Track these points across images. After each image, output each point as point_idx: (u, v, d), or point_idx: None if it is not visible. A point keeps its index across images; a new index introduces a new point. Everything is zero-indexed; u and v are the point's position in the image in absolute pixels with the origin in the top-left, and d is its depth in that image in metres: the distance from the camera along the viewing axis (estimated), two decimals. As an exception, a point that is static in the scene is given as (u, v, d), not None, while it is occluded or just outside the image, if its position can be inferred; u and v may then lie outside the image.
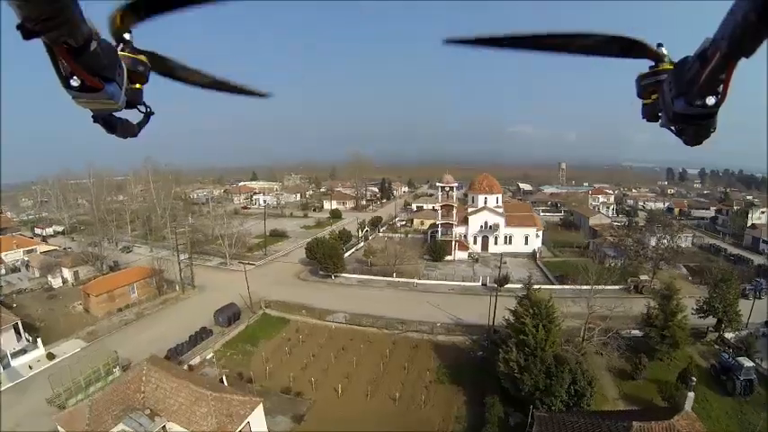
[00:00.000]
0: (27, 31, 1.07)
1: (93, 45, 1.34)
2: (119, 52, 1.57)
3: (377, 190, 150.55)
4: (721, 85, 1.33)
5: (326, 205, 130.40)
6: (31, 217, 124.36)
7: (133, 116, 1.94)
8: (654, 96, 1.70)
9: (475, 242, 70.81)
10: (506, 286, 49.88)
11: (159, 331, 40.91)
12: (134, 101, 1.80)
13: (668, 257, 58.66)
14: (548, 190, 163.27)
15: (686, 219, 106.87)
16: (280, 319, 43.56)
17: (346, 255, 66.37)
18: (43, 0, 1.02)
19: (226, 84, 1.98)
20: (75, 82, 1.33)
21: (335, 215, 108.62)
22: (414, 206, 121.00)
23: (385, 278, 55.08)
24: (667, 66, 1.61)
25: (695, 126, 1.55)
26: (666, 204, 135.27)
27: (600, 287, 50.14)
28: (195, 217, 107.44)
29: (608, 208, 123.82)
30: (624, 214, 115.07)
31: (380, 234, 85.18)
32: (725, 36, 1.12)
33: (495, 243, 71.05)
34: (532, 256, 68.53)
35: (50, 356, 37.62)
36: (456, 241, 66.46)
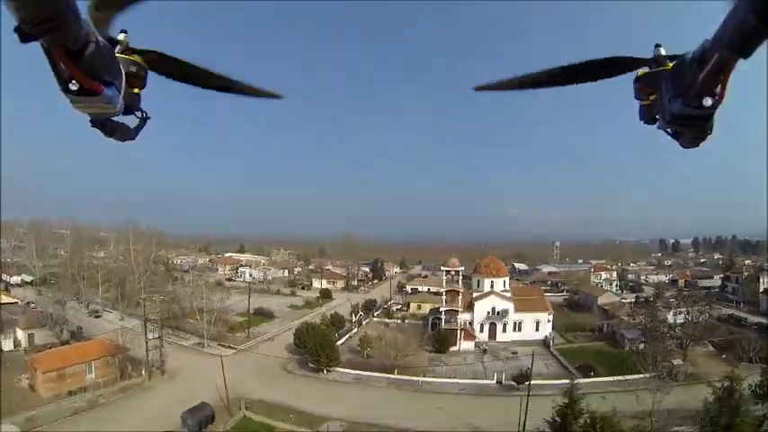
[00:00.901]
0: (25, 34, 1.07)
1: (92, 47, 1.33)
2: (117, 55, 1.56)
3: (368, 270, 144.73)
4: (719, 87, 1.35)
5: (315, 283, 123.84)
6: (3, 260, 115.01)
7: (130, 121, 1.91)
8: (652, 98, 1.68)
9: (481, 330, 64.86)
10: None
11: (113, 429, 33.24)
12: (132, 106, 1.78)
13: (696, 335, 52.96)
14: (545, 269, 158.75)
15: (693, 290, 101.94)
16: (262, 426, 36.06)
17: (339, 342, 59.62)
18: (41, 2, 1.01)
19: (238, 84, 1.92)
20: (73, 86, 1.34)
21: (325, 295, 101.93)
22: (408, 288, 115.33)
23: (385, 375, 48.18)
24: (665, 67, 1.59)
25: (692, 127, 1.56)
26: (669, 276, 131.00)
27: (631, 377, 45.06)
28: (176, 284, 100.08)
29: (611, 284, 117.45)
30: (629, 290, 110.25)
31: (375, 319, 78.44)
32: (724, 38, 1.14)
33: (504, 330, 65.31)
34: (544, 343, 62.77)
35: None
36: (461, 330, 60.54)
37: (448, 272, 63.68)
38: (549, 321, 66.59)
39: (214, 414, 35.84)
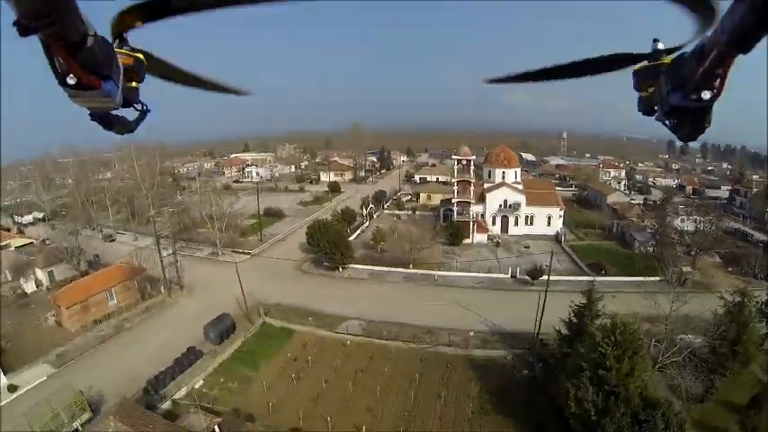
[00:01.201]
0: (23, 28, 1.08)
1: (90, 42, 1.34)
2: (116, 50, 1.57)
3: (375, 160, 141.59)
4: (717, 80, 1.38)
5: (323, 177, 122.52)
6: (12, 202, 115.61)
7: (129, 112, 1.94)
8: (651, 89, 1.73)
9: (493, 223, 63.93)
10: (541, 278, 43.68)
11: (140, 352, 34.31)
12: (130, 99, 1.80)
13: (705, 245, 52.17)
14: (553, 161, 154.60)
15: (701, 198, 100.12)
16: (282, 331, 37.03)
17: (351, 237, 59.60)
18: None
19: (209, 83, 2.02)
20: (71, 80, 1.34)
21: (334, 189, 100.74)
22: (417, 178, 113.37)
23: (401, 270, 48.40)
24: (665, 60, 1.64)
25: (691, 120, 1.59)
26: (677, 181, 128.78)
27: (639, 279, 45.94)
28: (185, 194, 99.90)
29: (619, 183, 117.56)
30: (636, 191, 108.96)
31: (386, 211, 78.00)
32: (723, 33, 1.16)
33: (516, 224, 64.24)
34: (556, 239, 62.13)
35: (12, 389, 31.24)
36: (474, 222, 59.56)
37: (459, 161, 60.20)
38: (560, 217, 64.85)
39: (235, 324, 36.71)
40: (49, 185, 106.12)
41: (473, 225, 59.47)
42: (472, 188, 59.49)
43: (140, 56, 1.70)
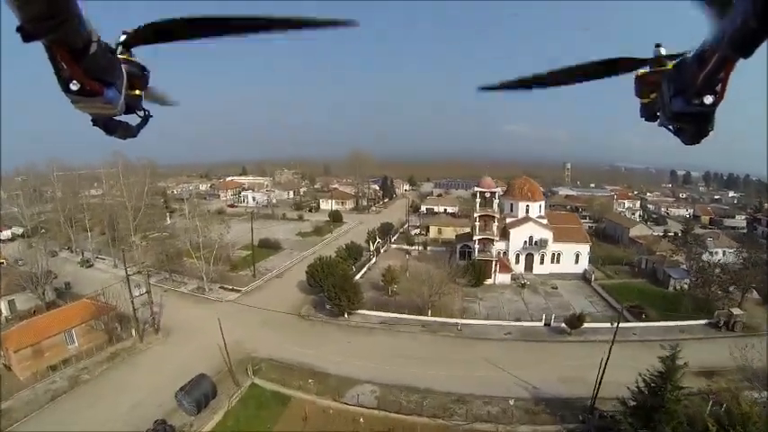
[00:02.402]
0: (27, 34, 1.08)
1: (94, 48, 1.33)
2: (118, 55, 1.56)
3: (378, 188, 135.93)
4: (719, 85, 1.37)
5: (323, 204, 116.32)
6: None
7: (131, 118, 1.90)
8: (652, 96, 1.70)
9: (517, 261, 57.66)
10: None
11: (93, 419, 26.93)
12: (133, 106, 1.78)
13: (748, 281, 46.56)
14: (561, 191, 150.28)
15: (719, 228, 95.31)
16: (276, 397, 29.66)
17: (358, 276, 52.96)
18: (43, 2, 1.02)
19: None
20: (74, 86, 1.34)
21: (336, 218, 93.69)
22: (423, 208, 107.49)
23: (417, 317, 41.57)
24: (667, 66, 1.61)
25: (693, 125, 1.57)
26: (690, 211, 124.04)
27: (683, 323, 41.73)
28: (174, 217, 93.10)
29: (633, 214, 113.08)
30: (653, 222, 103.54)
31: (393, 245, 71.41)
32: (724, 37, 1.16)
33: (542, 262, 58.06)
34: (584, 277, 56.10)
35: None
36: (497, 261, 53.23)
37: (481, 194, 53.92)
38: (588, 254, 59.34)
39: (215, 388, 29.41)
40: (39, 198, 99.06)
41: (495, 264, 53.12)
42: (495, 224, 53.37)
43: (140, 62, 1.65)
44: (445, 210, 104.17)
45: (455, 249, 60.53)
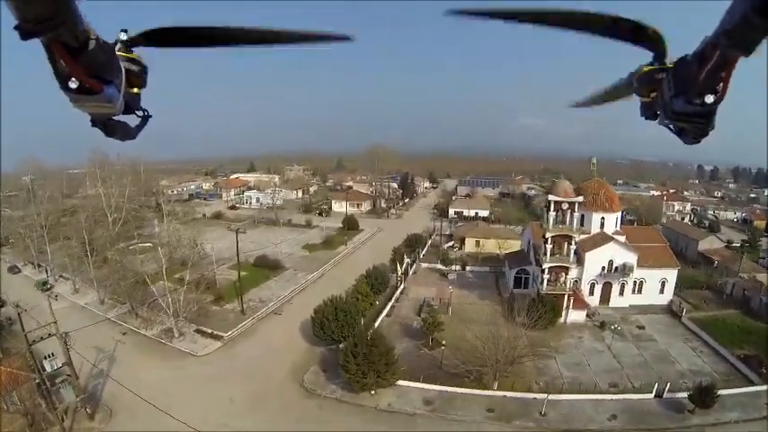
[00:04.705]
0: (25, 32, 1.08)
1: (92, 45, 1.32)
2: (117, 53, 1.54)
3: (397, 187, 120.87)
4: (721, 84, 1.35)
5: (335, 206, 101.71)
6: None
7: (130, 119, 1.86)
8: (653, 95, 1.68)
9: (591, 292, 42.85)
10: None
11: None
12: (132, 105, 1.76)
13: None
14: None
15: None
16: None
17: (383, 314, 38.96)
18: (41, 0, 1.02)
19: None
20: (73, 84, 1.32)
21: (351, 225, 78.36)
22: (452, 211, 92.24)
23: (478, 392, 27.23)
24: (667, 64, 1.57)
25: (694, 124, 1.55)
26: (740, 214, 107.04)
27: None
28: (164, 223, 79.89)
29: (682, 219, 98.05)
30: (707, 228, 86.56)
31: (423, 264, 56.45)
32: (724, 35, 1.15)
33: (621, 293, 43.34)
34: (670, 310, 42.42)
35: None
36: (570, 295, 38.56)
37: (556, 205, 38.65)
38: (674, 280, 44.90)
39: None
40: (30, 201, 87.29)
41: (569, 299, 38.55)
42: (573, 247, 38.50)
43: (140, 58, 1.60)
44: (476, 214, 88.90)
45: (502, 272, 45.68)
